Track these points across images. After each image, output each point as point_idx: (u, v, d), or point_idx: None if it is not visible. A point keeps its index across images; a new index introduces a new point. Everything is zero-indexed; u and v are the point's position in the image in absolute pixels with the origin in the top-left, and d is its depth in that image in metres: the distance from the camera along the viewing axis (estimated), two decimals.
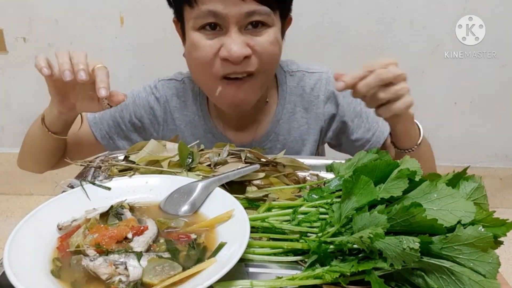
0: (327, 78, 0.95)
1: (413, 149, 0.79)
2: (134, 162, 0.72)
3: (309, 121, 0.96)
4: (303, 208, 0.59)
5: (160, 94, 0.96)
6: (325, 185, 0.65)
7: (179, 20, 0.83)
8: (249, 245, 0.50)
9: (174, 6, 0.83)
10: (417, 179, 0.52)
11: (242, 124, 0.95)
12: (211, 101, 0.93)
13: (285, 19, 0.84)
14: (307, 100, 0.95)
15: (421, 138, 0.80)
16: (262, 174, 0.69)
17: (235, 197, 0.59)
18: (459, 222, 0.47)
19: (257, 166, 0.68)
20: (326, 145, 1.13)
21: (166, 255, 0.50)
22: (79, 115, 0.86)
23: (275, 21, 0.78)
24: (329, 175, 0.72)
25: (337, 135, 0.99)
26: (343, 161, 0.70)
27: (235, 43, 0.74)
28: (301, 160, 0.76)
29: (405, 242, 0.44)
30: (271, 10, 0.76)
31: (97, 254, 0.48)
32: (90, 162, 0.74)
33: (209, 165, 0.71)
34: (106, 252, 0.49)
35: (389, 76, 0.68)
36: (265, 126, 0.95)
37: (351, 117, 0.95)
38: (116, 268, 0.47)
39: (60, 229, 0.54)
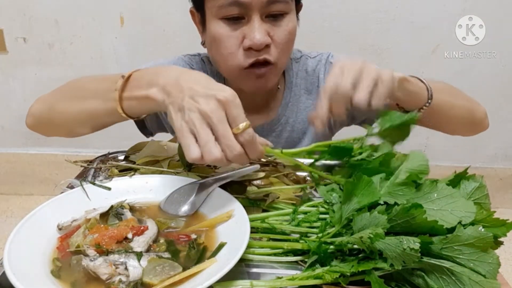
0: (326, 58, 0.98)
1: (425, 106, 0.74)
2: (134, 162, 0.72)
3: (314, 101, 0.99)
4: (303, 208, 0.59)
5: (194, 67, 0.97)
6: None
7: (199, 9, 0.84)
8: (249, 245, 0.50)
9: None
10: (422, 178, 0.52)
11: (256, 108, 0.97)
12: (227, 84, 0.94)
13: (298, 4, 0.86)
14: (310, 81, 0.98)
15: (430, 91, 0.74)
16: (262, 174, 0.69)
17: (235, 197, 0.59)
18: (459, 222, 0.47)
19: (257, 166, 0.68)
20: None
21: (166, 255, 0.50)
22: None
23: (292, 8, 0.81)
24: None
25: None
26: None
27: (258, 31, 0.76)
28: (301, 160, 0.76)
29: (405, 242, 0.44)
30: None
31: (97, 254, 0.48)
32: (90, 162, 0.74)
33: (209, 165, 0.71)
34: (106, 252, 0.49)
35: (344, 87, 0.62)
36: (276, 110, 0.98)
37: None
38: (116, 268, 0.47)
39: (60, 229, 0.54)
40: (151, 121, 0.96)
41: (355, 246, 0.49)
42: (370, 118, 0.95)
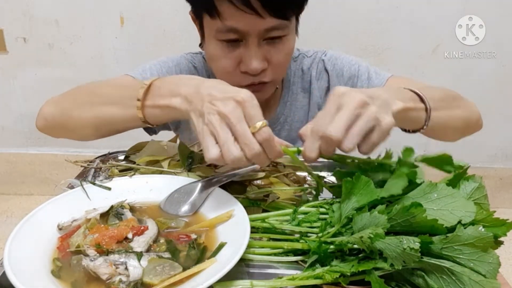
0: (320, 57, 0.98)
1: (423, 128, 0.68)
2: (134, 162, 0.72)
3: (308, 99, 1.00)
4: (303, 208, 0.59)
5: (196, 65, 0.98)
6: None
7: (197, 18, 0.83)
8: (249, 245, 0.50)
9: (192, 8, 0.83)
10: (418, 181, 0.52)
11: None
12: None
13: (299, 15, 0.85)
14: (306, 80, 0.99)
15: (428, 112, 0.65)
16: (262, 174, 0.69)
17: (235, 197, 0.59)
18: (459, 222, 0.47)
19: (257, 166, 0.68)
20: None
21: (166, 255, 0.50)
22: None
23: (291, 28, 0.80)
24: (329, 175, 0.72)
25: None
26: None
27: (255, 58, 0.76)
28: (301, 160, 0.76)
29: (405, 242, 0.44)
30: (289, 21, 0.77)
31: (97, 254, 0.48)
32: (91, 162, 0.75)
33: (209, 165, 0.71)
34: (106, 252, 0.49)
35: (336, 134, 0.51)
36: (275, 109, 0.99)
37: (342, 83, 0.96)
38: (116, 268, 0.47)
39: (60, 229, 0.54)
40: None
41: (355, 246, 0.49)
42: None
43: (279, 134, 0.98)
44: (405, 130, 0.72)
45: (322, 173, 0.75)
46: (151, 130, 0.99)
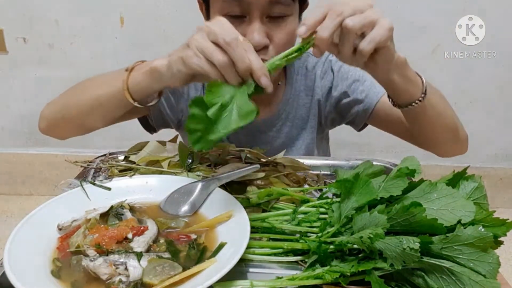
0: (326, 57, 0.99)
1: (419, 100, 0.69)
2: (134, 162, 0.72)
3: (311, 98, 1.00)
4: (303, 208, 0.59)
5: None
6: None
7: (205, 1, 0.84)
8: (249, 245, 0.50)
9: None
10: (416, 178, 0.52)
11: (257, 103, 0.96)
12: None
13: (303, 4, 0.86)
14: (309, 78, 0.99)
15: (424, 85, 0.69)
16: (262, 174, 0.69)
17: (235, 197, 0.59)
18: (459, 221, 0.47)
19: (257, 166, 0.68)
20: (330, 143, 1.14)
21: (166, 255, 0.50)
22: None
23: (294, 9, 0.80)
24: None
25: (335, 107, 1.01)
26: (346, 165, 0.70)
27: (257, 32, 0.76)
28: (301, 160, 0.76)
29: (405, 242, 0.44)
30: (292, 0, 0.77)
31: (97, 254, 0.48)
32: (90, 162, 0.75)
33: (209, 165, 0.71)
34: (106, 252, 0.49)
35: (346, 10, 0.56)
36: (277, 106, 0.99)
37: (345, 85, 0.97)
38: (116, 268, 0.47)
39: (60, 229, 0.54)
40: (155, 117, 0.96)
41: (355, 246, 0.49)
42: (358, 118, 0.96)
43: (281, 130, 0.98)
44: (398, 106, 0.72)
45: (322, 173, 0.75)
46: (150, 129, 0.99)
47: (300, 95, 0.99)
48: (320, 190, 0.68)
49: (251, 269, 0.51)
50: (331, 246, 0.51)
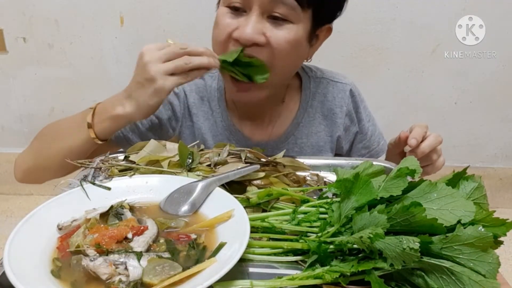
0: (351, 91, 0.97)
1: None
2: (134, 162, 0.72)
3: (327, 128, 0.97)
4: (303, 208, 0.59)
5: (178, 90, 0.95)
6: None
7: None
8: (249, 245, 0.50)
9: None
10: (416, 178, 0.52)
11: (258, 122, 0.95)
12: (229, 97, 0.94)
13: (320, 25, 0.81)
14: (328, 107, 0.96)
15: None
16: (262, 174, 0.69)
17: (235, 197, 0.59)
18: (459, 221, 0.47)
19: (257, 166, 0.68)
20: None
21: (166, 255, 0.50)
22: None
23: (301, 19, 0.76)
24: (329, 174, 0.72)
25: (351, 145, 1.03)
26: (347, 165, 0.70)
27: (250, 26, 0.73)
28: (301, 160, 0.76)
29: (405, 242, 0.44)
30: (298, 5, 0.73)
31: (97, 254, 0.48)
32: (90, 162, 0.74)
33: (209, 165, 0.71)
34: (106, 252, 0.49)
35: (439, 141, 0.85)
36: (283, 127, 0.95)
37: (365, 129, 1.00)
38: (116, 268, 0.47)
39: (60, 229, 0.54)
40: (136, 139, 0.92)
41: (355, 246, 0.49)
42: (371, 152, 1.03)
43: (286, 154, 0.93)
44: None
45: (322, 173, 0.75)
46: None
47: (314, 122, 0.96)
48: (320, 190, 0.68)
49: (251, 269, 0.51)
50: (331, 246, 0.51)
